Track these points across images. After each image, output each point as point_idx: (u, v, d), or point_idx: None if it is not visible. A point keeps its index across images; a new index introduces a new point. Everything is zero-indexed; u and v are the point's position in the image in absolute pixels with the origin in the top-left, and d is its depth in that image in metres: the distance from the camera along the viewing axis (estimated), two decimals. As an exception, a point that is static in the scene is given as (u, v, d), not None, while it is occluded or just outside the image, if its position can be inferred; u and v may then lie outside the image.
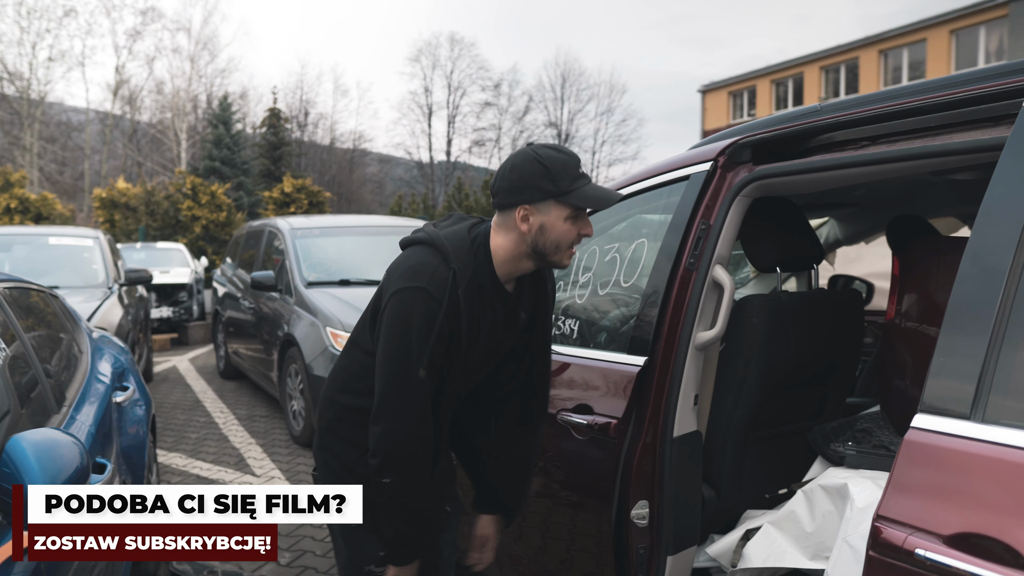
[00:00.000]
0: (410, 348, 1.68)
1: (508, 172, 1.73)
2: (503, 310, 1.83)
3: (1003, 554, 1.13)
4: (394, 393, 1.69)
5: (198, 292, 11.70)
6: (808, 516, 2.17)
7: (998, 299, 1.28)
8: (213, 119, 25.75)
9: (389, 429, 1.69)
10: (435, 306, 1.67)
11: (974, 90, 1.66)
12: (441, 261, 1.72)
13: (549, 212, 1.71)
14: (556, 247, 1.75)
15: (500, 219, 1.78)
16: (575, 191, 1.71)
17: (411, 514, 1.75)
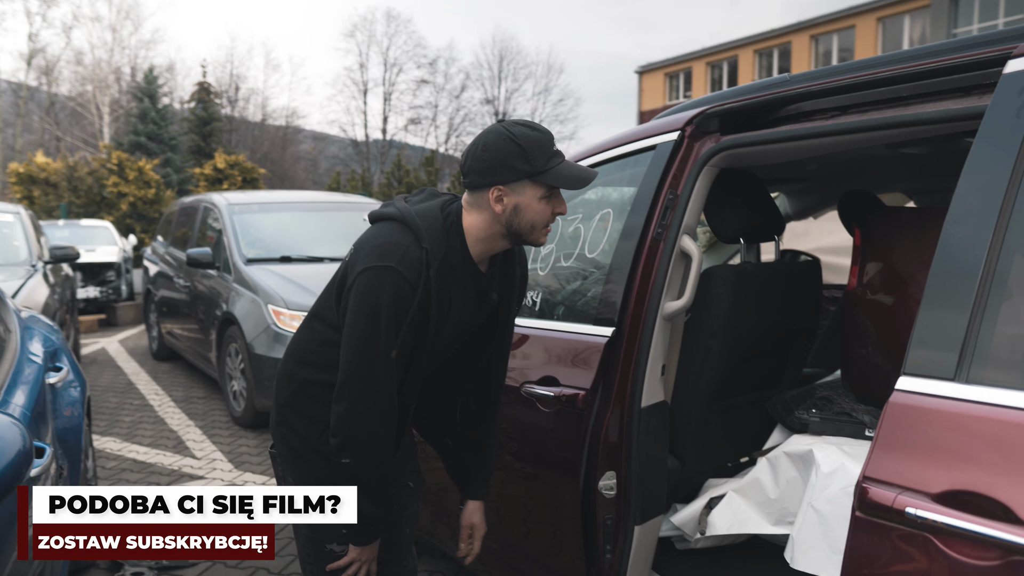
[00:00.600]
0: (378, 330, 1.63)
1: (480, 151, 1.68)
2: (475, 290, 1.79)
3: (993, 509, 1.15)
4: (359, 374, 1.64)
5: (127, 271, 11.24)
6: (772, 483, 2.20)
7: (981, 262, 1.30)
8: (138, 92, 24.66)
9: (351, 411, 1.65)
10: (406, 287, 1.62)
11: (945, 60, 1.68)
12: (413, 240, 1.66)
13: (524, 192, 1.67)
14: (531, 227, 1.71)
15: (472, 199, 1.73)
16: (550, 171, 1.66)
17: (370, 494, 1.72)
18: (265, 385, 5.33)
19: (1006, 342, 1.27)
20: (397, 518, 1.94)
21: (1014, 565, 1.12)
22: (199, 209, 7.48)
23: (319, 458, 1.77)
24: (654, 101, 35.00)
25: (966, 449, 1.22)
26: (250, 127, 38.89)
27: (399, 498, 1.95)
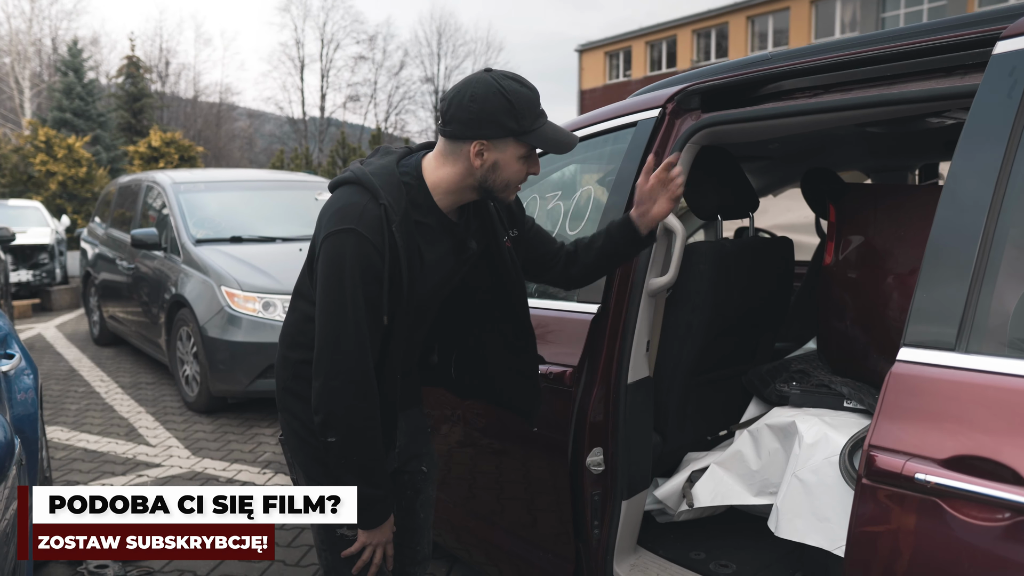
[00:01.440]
0: (344, 296, 1.57)
1: (467, 101, 1.59)
2: (451, 242, 1.73)
3: (1001, 473, 1.21)
4: (330, 345, 1.59)
5: (60, 254, 10.79)
6: (754, 455, 2.26)
7: (979, 234, 1.35)
8: (61, 66, 23.56)
9: (326, 385, 1.59)
10: (368, 247, 1.56)
11: (931, 40, 1.72)
12: (370, 199, 1.60)
13: (505, 150, 1.62)
14: (505, 185, 1.67)
15: (448, 148, 1.65)
16: (536, 131, 1.62)
17: (365, 473, 1.65)
18: (220, 369, 5.21)
19: (1004, 313, 1.32)
20: (410, 503, 1.91)
21: (1022, 525, 1.18)
22: (141, 188, 7.22)
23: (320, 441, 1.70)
24: (594, 80, 35.14)
25: (970, 416, 1.27)
26: (182, 104, 37.65)
27: (412, 483, 1.91)
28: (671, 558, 2.29)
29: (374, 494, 1.67)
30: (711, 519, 2.53)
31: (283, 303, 5.26)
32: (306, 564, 3.24)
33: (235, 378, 5.21)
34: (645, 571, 2.23)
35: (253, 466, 4.45)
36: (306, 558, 3.29)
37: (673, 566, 2.25)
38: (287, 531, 3.55)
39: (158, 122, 28.21)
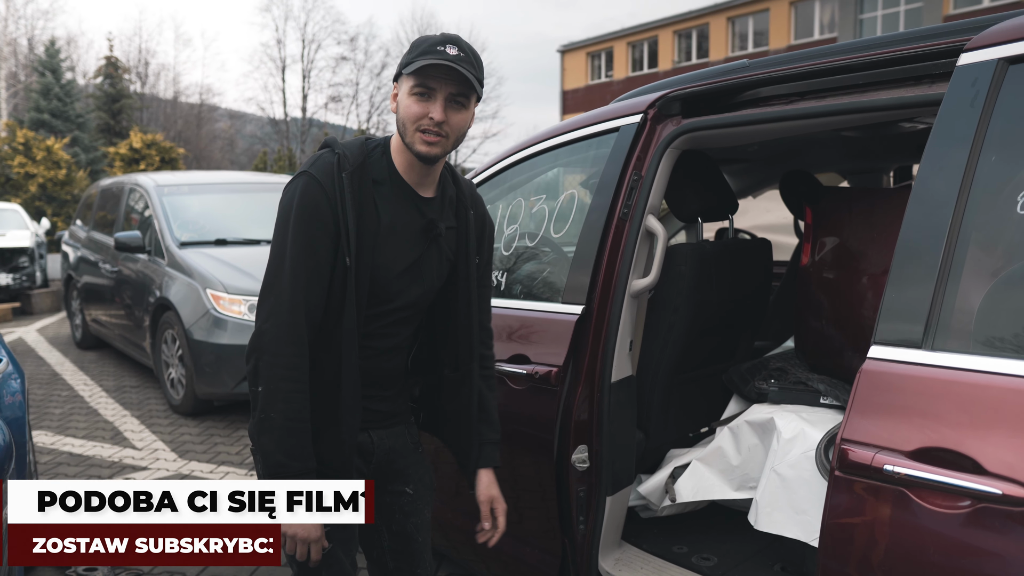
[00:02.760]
0: (286, 237, 1.56)
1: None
2: (420, 216, 1.68)
3: (962, 463, 1.28)
4: (266, 287, 1.57)
5: (40, 257, 10.70)
6: (734, 451, 2.33)
7: (944, 238, 1.42)
8: (38, 66, 23.33)
9: (260, 329, 1.55)
10: (316, 188, 1.56)
11: (899, 51, 1.79)
12: (328, 151, 1.63)
13: (403, 87, 1.61)
14: (403, 125, 1.61)
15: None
16: (415, 60, 1.57)
17: (280, 436, 1.53)
18: (206, 372, 5.22)
19: (967, 311, 1.39)
20: (402, 527, 1.83)
21: (983, 511, 1.25)
22: (123, 191, 7.20)
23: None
24: (577, 80, 35.28)
25: (935, 410, 1.34)
26: (162, 104, 37.35)
27: (399, 506, 1.82)
28: (654, 552, 2.35)
29: (287, 464, 1.53)
30: (694, 514, 2.59)
31: (268, 305, 5.28)
32: (295, 564, 3.27)
33: (221, 380, 5.22)
34: (629, 565, 2.29)
35: (240, 468, 4.47)
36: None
37: (656, 559, 2.31)
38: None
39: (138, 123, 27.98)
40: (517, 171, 2.74)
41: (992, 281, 1.39)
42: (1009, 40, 1.47)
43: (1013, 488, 1.21)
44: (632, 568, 2.27)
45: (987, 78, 1.47)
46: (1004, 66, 1.47)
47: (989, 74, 1.47)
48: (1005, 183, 1.41)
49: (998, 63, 1.47)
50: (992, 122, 1.45)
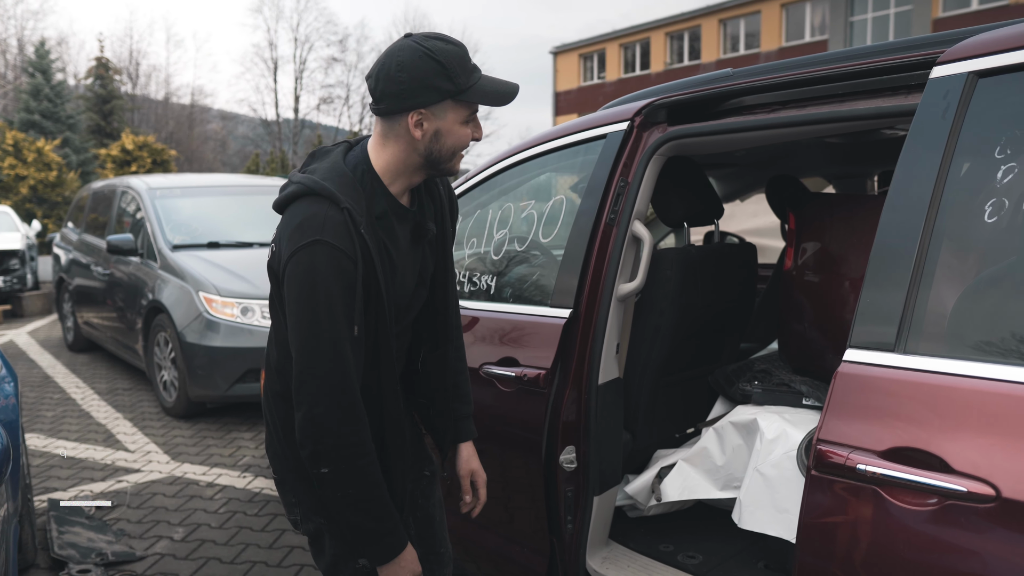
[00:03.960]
0: (318, 313, 1.43)
1: (395, 72, 1.46)
2: (410, 230, 1.62)
3: (931, 462, 1.33)
4: (308, 372, 1.45)
5: (31, 259, 10.69)
6: (719, 451, 2.38)
7: (916, 245, 1.47)
8: (29, 67, 23.25)
9: (309, 415, 1.45)
10: (342, 257, 1.43)
11: (877, 62, 1.85)
12: (329, 205, 1.46)
13: (445, 115, 1.50)
14: (452, 154, 1.54)
15: (385, 128, 1.53)
16: (474, 87, 1.48)
17: (364, 507, 1.50)
18: (198, 374, 5.25)
19: (938, 316, 1.45)
20: (425, 511, 1.83)
21: (949, 508, 1.30)
22: (115, 194, 7.22)
23: None
24: (569, 82, 35.37)
25: (906, 411, 1.39)
26: (153, 105, 37.27)
27: (422, 491, 1.83)
28: (641, 551, 2.40)
29: (377, 528, 1.52)
30: (680, 513, 2.64)
31: (261, 308, 5.31)
32: (288, 564, 3.31)
33: (214, 383, 5.25)
34: (616, 563, 2.33)
35: (233, 470, 4.50)
36: (288, 559, 3.36)
37: (643, 558, 2.36)
38: (268, 532, 3.62)
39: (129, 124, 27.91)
40: (508, 176, 2.79)
41: (962, 287, 1.44)
42: (979, 54, 1.52)
43: (977, 486, 1.26)
44: (619, 566, 2.31)
45: (958, 91, 1.52)
46: (974, 79, 1.52)
47: (960, 87, 1.53)
48: (974, 192, 1.46)
49: (968, 76, 1.52)
50: (962, 133, 1.50)
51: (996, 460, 1.26)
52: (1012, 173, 1.40)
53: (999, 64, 1.49)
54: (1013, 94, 1.47)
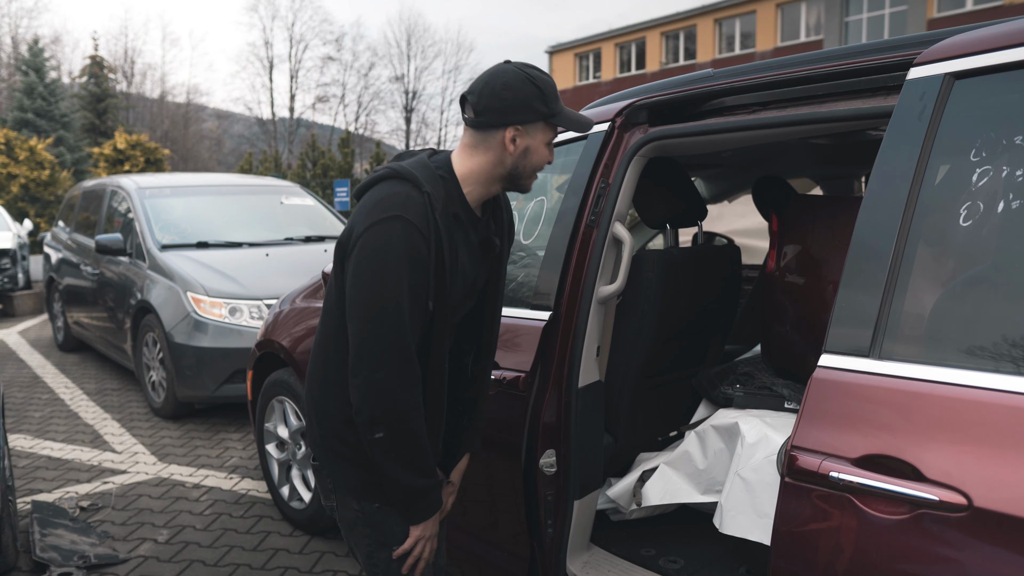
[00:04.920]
0: (387, 284, 1.53)
1: (500, 90, 1.61)
2: (478, 238, 1.73)
3: (904, 470, 1.31)
4: (371, 339, 1.54)
5: (23, 258, 10.64)
6: (701, 454, 2.36)
7: (890, 253, 1.45)
8: (22, 65, 23.16)
9: (369, 380, 1.55)
10: (415, 234, 1.54)
11: (855, 63, 1.83)
12: (412, 187, 1.58)
13: (536, 135, 1.65)
14: (534, 170, 1.70)
15: (477, 139, 1.66)
16: (563, 113, 1.66)
17: (415, 465, 1.62)
18: (186, 374, 5.22)
19: (912, 321, 1.43)
20: None
21: (921, 517, 1.28)
22: (105, 193, 7.18)
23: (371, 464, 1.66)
24: (565, 81, 35.34)
25: (880, 418, 1.37)
26: (148, 104, 37.18)
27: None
28: (622, 555, 2.38)
29: (426, 484, 1.65)
30: (663, 517, 2.63)
31: (249, 308, 5.29)
32: (272, 567, 3.28)
33: (202, 384, 5.22)
34: (597, 568, 2.31)
35: (220, 471, 4.47)
36: (272, 561, 3.34)
37: (624, 563, 2.34)
38: (254, 534, 3.60)
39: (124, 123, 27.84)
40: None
41: (938, 291, 1.43)
42: (955, 56, 1.51)
43: (949, 495, 1.24)
44: (600, 571, 2.29)
45: (934, 92, 1.51)
46: (950, 81, 1.50)
47: (936, 88, 1.51)
48: (950, 195, 1.44)
49: (944, 78, 1.51)
50: (939, 135, 1.48)
51: (969, 468, 1.24)
52: (987, 176, 1.39)
53: (975, 66, 1.47)
54: (989, 96, 1.46)
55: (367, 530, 1.74)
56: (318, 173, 17.49)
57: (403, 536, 1.71)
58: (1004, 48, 1.43)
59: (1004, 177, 1.37)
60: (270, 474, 3.78)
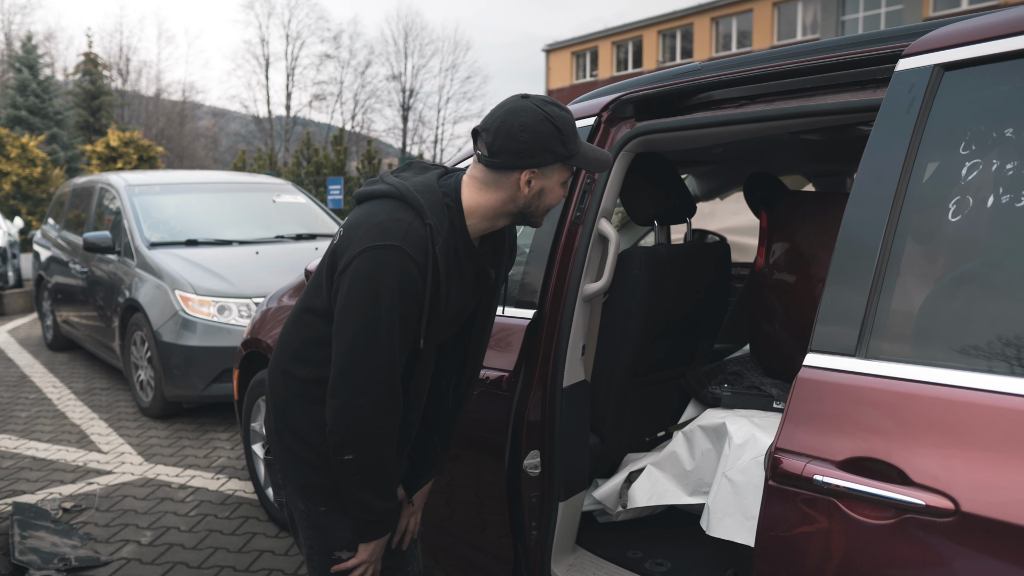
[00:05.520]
0: (379, 313, 1.50)
1: (518, 132, 1.53)
2: (472, 270, 1.70)
3: (890, 473, 1.27)
4: (357, 364, 1.53)
5: (13, 256, 10.56)
6: (688, 455, 2.32)
7: (877, 249, 1.41)
8: (15, 62, 23.04)
9: (349, 403, 1.53)
10: (412, 267, 1.51)
11: (844, 55, 1.79)
12: (415, 216, 1.54)
13: (552, 176, 1.59)
14: (547, 210, 1.65)
15: (490, 177, 1.59)
16: (581, 153, 1.60)
17: (377, 488, 1.62)
18: (174, 374, 5.17)
19: (900, 320, 1.39)
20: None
21: (907, 522, 1.24)
22: (95, 190, 7.12)
23: (325, 463, 1.66)
24: (561, 80, 35.30)
25: (866, 419, 1.33)
26: (144, 102, 37.06)
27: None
28: (609, 557, 2.34)
29: (386, 508, 1.65)
30: (651, 518, 2.58)
31: (238, 307, 5.23)
32: (257, 569, 3.24)
33: (190, 383, 5.16)
34: (582, 571, 2.27)
35: (207, 471, 4.42)
36: (257, 563, 3.29)
37: (610, 565, 2.29)
38: (239, 536, 3.55)
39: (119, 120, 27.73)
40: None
41: (925, 289, 1.38)
42: (945, 46, 1.46)
43: (936, 499, 1.20)
44: (585, 573, 2.25)
45: (923, 84, 1.46)
46: (940, 72, 1.46)
47: (925, 80, 1.46)
48: (939, 190, 1.40)
49: (934, 69, 1.46)
50: (927, 128, 1.44)
51: (956, 472, 1.20)
52: (976, 170, 1.34)
53: (965, 56, 1.42)
54: (979, 88, 1.41)
55: (310, 531, 1.73)
56: (311, 171, 17.43)
57: (344, 542, 1.70)
58: (995, 38, 1.38)
59: (994, 171, 1.33)
60: (256, 474, 3.73)
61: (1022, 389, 1.19)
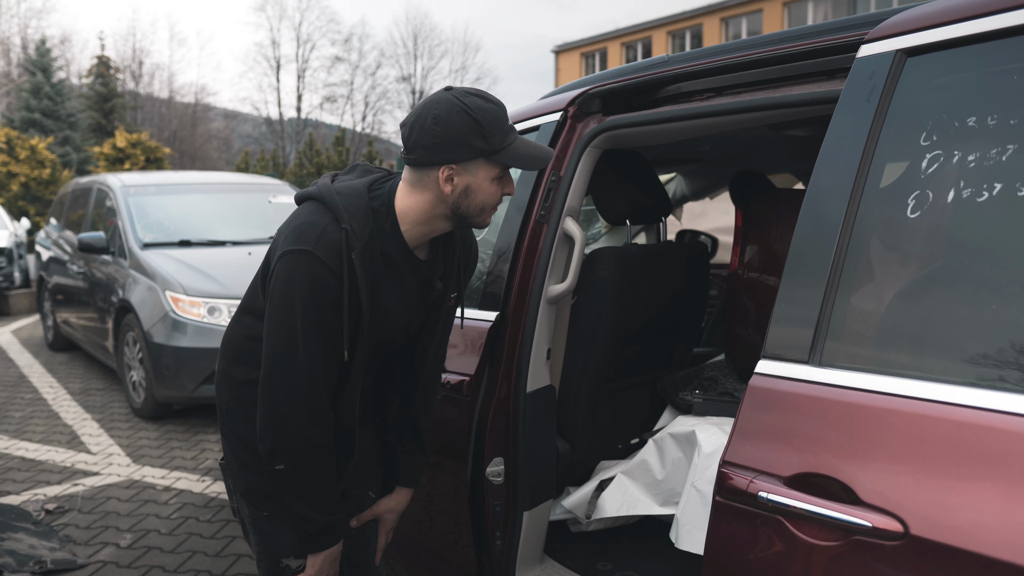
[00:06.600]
0: (294, 320, 1.45)
1: (430, 125, 1.45)
2: (416, 279, 1.62)
3: (837, 491, 1.17)
4: (278, 372, 1.48)
5: (20, 257, 10.59)
6: (659, 464, 2.22)
7: (833, 248, 1.31)
8: (30, 65, 23.19)
9: (274, 412, 1.49)
10: (324, 272, 1.45)
11: (809, 44, 1.69)
12: (331, 220, 1.48)
13: (477, 172, 1.49)
14: (480, 209, 1.54)
15: (414, 177, 1.52)
16: (507, 149, 1.48)
17: (314, 501, 1.56)
18: (165, 375, 5.13)
19: (857, 323, 1.29)
20: (361, 533, 1.80)
21: (855, 544, 1.14)
22: (93, 191, 7.11)
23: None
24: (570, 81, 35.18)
25: (816, 432, 1.23)
26: (157, 104, 37.25)
27: (360, 509, 1.79)
28: (577, 569, 2.25)
29: (326, 521, 1.58)
30: (624, 528, 2.49)
31: (229, 308, 5.19)
32: (233, 574, 3.18)
33: (180, 384, 5.12)
34: (548, 583, 2.19)
35: (193, 473, 4.37)
36: (234, 567, 3.23)
37: (577, 577, 2.21)
38: (218, 539, 3.49)
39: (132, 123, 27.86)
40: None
41: (884, 290, 1.29)
42: (907, 31, 1.37)
43: (884, 520, 1.10)
44: (551, 586, 2.17)
45: (884, 71, 1.37)
46: (902, 58, 1.36)
47: (886, 67, 1.37)
48: (898, 184, 1.30)
49: (896, 54, 1.37)
50: (888, 118, 1.34)
51: (907, 492, 1.10)
52: (937, 162, 1.25)
53: (928, 40, 1.33)
54: (943, 74, 1.32)
55: (257, 537, 1.69)
56: (312, 171, 17.45)
57: (290, 548, 1.64)
58: (958, 20, 1.29)
59: (955, 163, 1.23)
60: (235, 478, 3.67)
61: (981, 401, 1.09)
